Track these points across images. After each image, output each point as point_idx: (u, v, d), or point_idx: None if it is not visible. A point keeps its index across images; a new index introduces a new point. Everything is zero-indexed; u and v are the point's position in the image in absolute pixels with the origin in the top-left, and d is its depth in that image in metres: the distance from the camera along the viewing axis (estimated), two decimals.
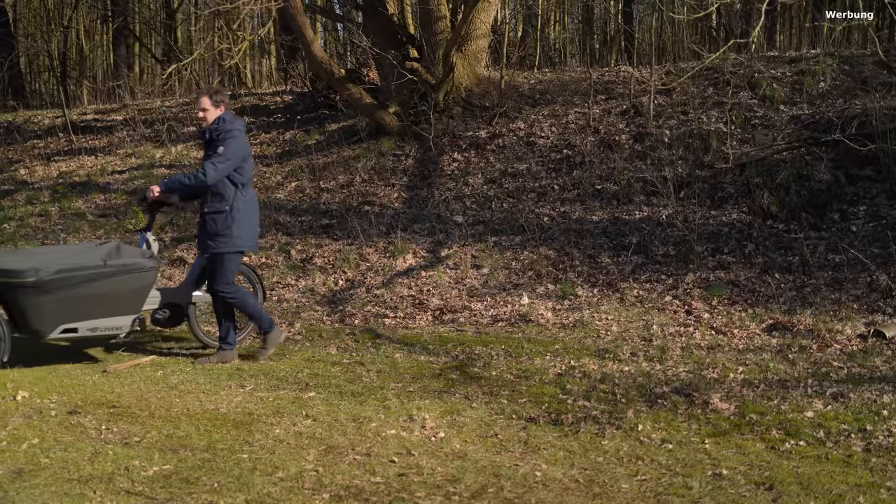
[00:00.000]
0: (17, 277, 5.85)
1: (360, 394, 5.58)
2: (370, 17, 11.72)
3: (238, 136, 6.25)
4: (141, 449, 4.59)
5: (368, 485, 4.12)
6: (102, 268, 6.06)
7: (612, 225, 8.70)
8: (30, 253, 6.93)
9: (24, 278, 5.84)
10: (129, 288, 6.17)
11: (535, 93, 11.38)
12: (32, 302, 5.88)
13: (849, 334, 6.32)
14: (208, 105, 6.24)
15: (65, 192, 11.44)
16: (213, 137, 6.21)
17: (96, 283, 6.03)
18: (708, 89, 10.48)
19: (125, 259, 6.19)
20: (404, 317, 7.58)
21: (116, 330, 6.24)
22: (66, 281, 5.93)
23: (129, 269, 6.16)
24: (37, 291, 5.85)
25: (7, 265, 5.96)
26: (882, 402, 5.06)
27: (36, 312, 5.92)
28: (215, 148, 6.16)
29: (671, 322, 6.92)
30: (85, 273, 6.01)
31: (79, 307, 6.01)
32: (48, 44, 19.56)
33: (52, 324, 5.98)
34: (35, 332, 6.02)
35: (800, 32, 15.22)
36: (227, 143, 6.14)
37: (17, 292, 5.88)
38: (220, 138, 6.18)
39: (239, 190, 6.24)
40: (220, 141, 6.16)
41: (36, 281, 5.84)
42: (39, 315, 5.93)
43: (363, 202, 9.95)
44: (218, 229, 6.17)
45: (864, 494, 3.93)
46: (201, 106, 6.27)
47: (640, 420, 4.96)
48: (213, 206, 6.20)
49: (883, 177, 8.26)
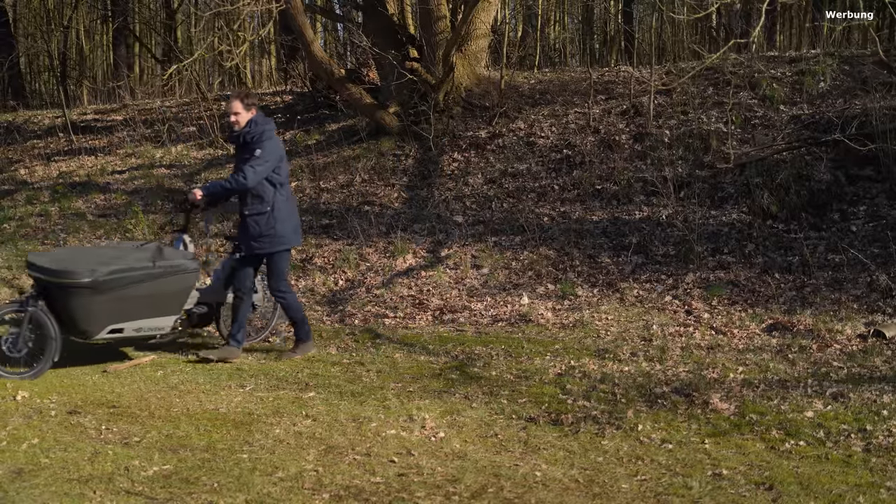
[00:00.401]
0: (71, 278, 5.87)
1: (360, 394, 5.58)
2: (370, 17, 11.72)
3: (273, 137, 6.34)
4: (141, 449, 4.59)
5: (368, 485, 4.12)
6: (151, 269, 6.12)
7: (612, 225, 8.70)
8: (66, 253, 6.95)
9: (78, 279, 5.85)
10: (174, 289, 6.24)
11: (535, 93, 11.38)
12: (85, 302, 5.89)
13: (849, 334, 6.32)
14: (240, 108, 6.26)
15: (65, 192, 11.44)
16: (247, 140, 6.27)
17: (144, 284, 6.08)
18: (708, 89, 10.47)
19: (171, 260, 6.26)
20: (404, 317, 7.58)
21: (159, 330, 6.31)
22: (118, 282, 5.97)
23: (175, 270, 6.23)
24: (91, 292, 5.87)
25: (60, 265, 5.97)
26: (882, 402, 5.06)
27: (87, 313, 5.93)
28: (251, 150, 6.21)
29: (671, 322, 6.92)
30: (136, 274, 6.05)
31: (127, 308, 6.05)
32: (48, 44, 19.56)
33: (101, 324, 6.02)
34: (83, 332, 6.04)
35: (800, 32, 15.22)
36: (263, 145, 6.20)
37: (68, 292, 5.88)
38: (255, 140, 6.23)
39: (278, 190, 6.31)
40: (255, 143, 6.22)
41: (92, 281, 5.86)
42: (90, 315, 5.95)
43: (363, 202, 9.95)
44: (262, 230, 6.26)
45: (864, 494, 3.93)
46: (233, 110, 6.28)
47: (639, 420, 4.96)
48: (253, 207, 6.27)
49: (883, 177, 8.26)
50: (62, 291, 5.88)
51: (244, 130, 6.28)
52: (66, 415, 5.16)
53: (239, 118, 6.27)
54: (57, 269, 5.92)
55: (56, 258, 6.20)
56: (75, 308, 5.89)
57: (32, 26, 21.19)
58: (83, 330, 6.01)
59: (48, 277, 5.93)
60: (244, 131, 6.28)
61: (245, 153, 6.28)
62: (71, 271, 5.87)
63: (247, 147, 6.27)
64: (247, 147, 6.27)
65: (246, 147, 6.29)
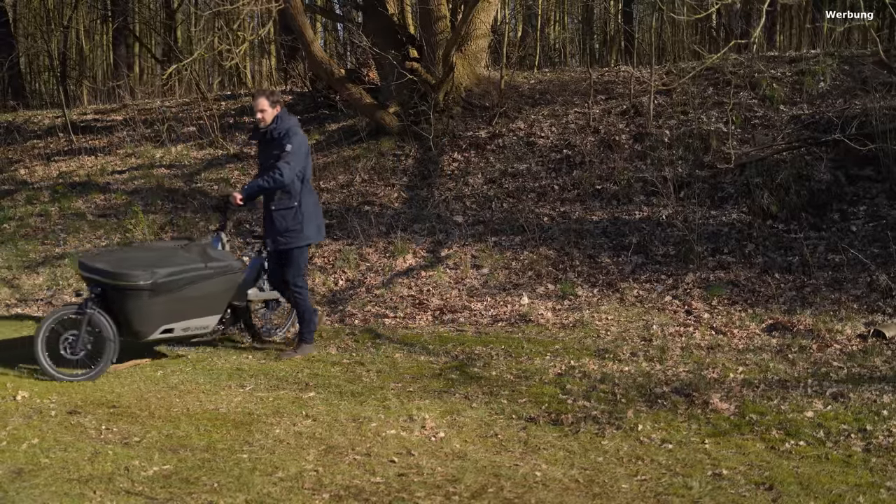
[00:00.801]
0: (131, 280, 5.92)
1: (360, 394, 5.58)
2: (370, 17, 11.72)
3: (300, 133, 6.48)
4: (141, 449, 4.59)
5: (368, 485, 4.12)
6: (203, 270, 6.20)
7: (612, 225, 8.70)
8: (120, 255, 7.00)
9: (138, 281, 5.91)
10: (221, 288, 6.33)
11: (535, 93, 11.38)
12: (143, 304, 5.95)
13: (849, 334, 6.32)
14: (266, 106, 6.39)
15: (65, 192, 11.44)
16: (274, 136, 6.39)
17: (197, 285, 6.16)
18: (708, 89, 10.48)
19: (220, 261, 6.35)
20: (404, 317, 7.58)
21: (204, 329, 6.38)
22: (175, 283, 6.05)
23: (224, 270, 6.32)
24: (150, 294, 5.94)
25: (119, 268, 6.01)
26: (882, 402, 5.06)
27: (144, 314, 6.00)
28: (281, 146, 6.32)
29: (671, 322, 6.92)
30: (190, 275, 6.14)
31: (180, 308, 6.13)
32: (48, 44, 19.56)
33: (155, 325, 6.09)
34: (137, 333, 6.09)
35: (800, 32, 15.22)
36: (292, 140, 6.33)
37: (127, 294, 5.93)
38: (282, 136, 6.36)
39: (304, 185, 6.45)
40: (284, 139, 6.34)
41: (151, 283, 5.93)
42: (146, 317, 6.02)
43: (363, 202, 9.95)
44: (288, 225, 6.38)
45: (864, 494, 3.93)
46: (259, 106, 6.40)
47: (640, 420, 4.96)
48: (281, 203, 6.38)
49: (883, 177, 8.26)
50: (120, 293, 5.95)
51: (271, 126, 6.41)
52: (66, 415, 5.16)
53: (265, 115, 6.39)
54: (116, 271, 5.97)
55: (112, 260, 6.24)
56: (132, 310, 5.96)
57: (32, 26, 21.19)
58: (138, 331, 6.07)
59: (106, 280, 5.97)
60: (271, 127, 6.41)
61: (274, 149, 6.38)
62: (131, 274, 5.94)
63: (274, 143, 6.39)
64: (274, 143, 6.39)
65: (273, 143, 6.39)
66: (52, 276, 9.20)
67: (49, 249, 9.96)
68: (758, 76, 10.31)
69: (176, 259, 6.20)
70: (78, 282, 9.00)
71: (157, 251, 6.60)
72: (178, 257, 6.25)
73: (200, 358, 6.57)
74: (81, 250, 9.74)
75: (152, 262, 6.07)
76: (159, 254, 6.41)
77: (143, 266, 6.00)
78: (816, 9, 13.35)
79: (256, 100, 6.49)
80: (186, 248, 6.46)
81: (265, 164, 6.51)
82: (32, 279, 9.20)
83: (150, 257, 6.25)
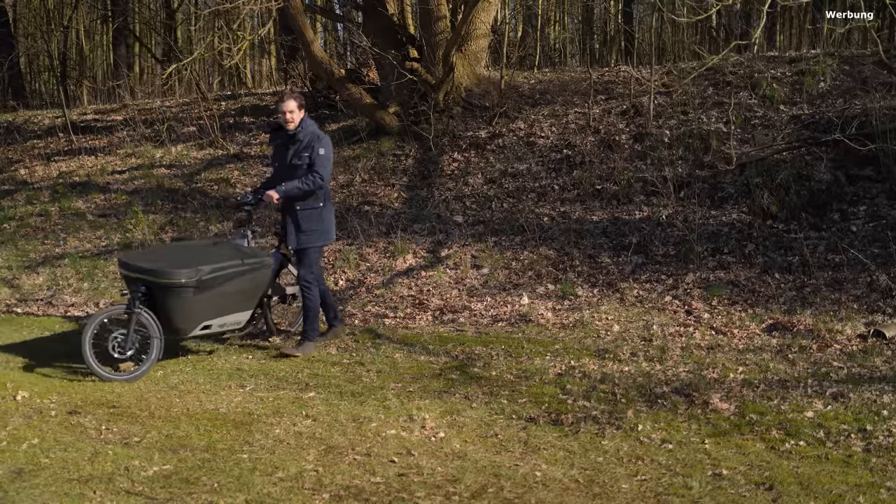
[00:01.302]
0: (176, 278, 5.97)
1: (360, 394, 5.58)
2: (370, 17, 11.72)
3: (326, 136, 6.63)
4: (141, 449, 4.59)
5: (368, 485, 4.12)
6: (241, 266, 6.28)
7: (612, 225, 8.70)
8: (162, 253, 7.07)
9: (182, 278, 5.97)
10: (255, 284, 6.42)
11: (535, 93, 11.38)
12: (186, 301, 6.01)
13: (849, 334, 6.32)
14: (294, 107, 6.49)
15: (65, 192, 11.44)
16: (301, 138, 6.50)
17: (235, 281, 6.24)
18: (708, 89, 10.47)
19: (255, 257, 6.43)
20: (404, 317, 7.58)
21: (237, 325, 6.47)
22: (217, 280, 6.12)
23: (258, 266, 6.41)
24: (195, 291, 6.00)
25: (163, 266, 6.06)
26: (882, 402, 5.06)
27: (187, 311, 6.06)
28: (310, 149, 6.45)
29: (671, 322, 6.92)
30: (230, 272, 6.21)
31: (220, 304, 6.21)
32: (48, 44, 19.56)
33: (196, 322, 6.15)
34: (178, 330, 6.15)
35: (800, 32, 15.22)
36: (324, 145, 6.49)
37: (172, 292, 5.97)
38: (311, 140, 6.48)
39: (326, 188, 6.60)
40: (315, 142, 6.47)
41: (196, 281, 5.98)
42: (189, 314, 6.08)
43: (363, 202, 9.95)
44: (313, 225, 6.51)
45: (864, 495, 3.93)
46: (288, 108, 6.47)
47: (640, 420, 4.96)
48: (307, 203, 6.50)
49: (883, 177, 8.26)
50: (165, 291, 5.99)
51: (297, 129, 6.51)
52: (66, 415, 5.16)
53: (293, 116, 6.47)
54: (160, 269, 6.01)
55: (156, 259, 6.30)
56: (175, 307, 6.02)
57: (32, 26, 21.19)
58: (179, 328, 6.13)
59: (150, 278, 6.01)
60: (297, 130, 6.51)
61: (302, 151, 6.47)
62: (176, 271, 5.99)
63: (301, 145, 6.49)
64: (301, 145, 6.49)
65: (300, 145, 6.49)
66: (52, 276, 9.20)
67: (49, 249, 9.96)
68: (758, 76, 10.31)
69: (217, 256, 6.27)
70: (78, 282, 9.00)
71: (195, 249, 6.68)
72: (217, 254, 6.32)
73: (200, 358, 6.58)
74: (81, 250, 9.74)
75: (196, 260, 6.13)
76: (199, 251, 6.48)
77: (187, 264, 6.06)
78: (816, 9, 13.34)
79: (285, 101, 6.52)
80: (219, 245, 6.57)
81: (285, 165, 6.56)
82: (32, 279, 9.20)
83: (192, 255, 6.31)
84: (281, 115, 6.54)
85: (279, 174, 6.65)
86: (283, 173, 6.58)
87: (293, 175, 6.47)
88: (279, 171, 6.67)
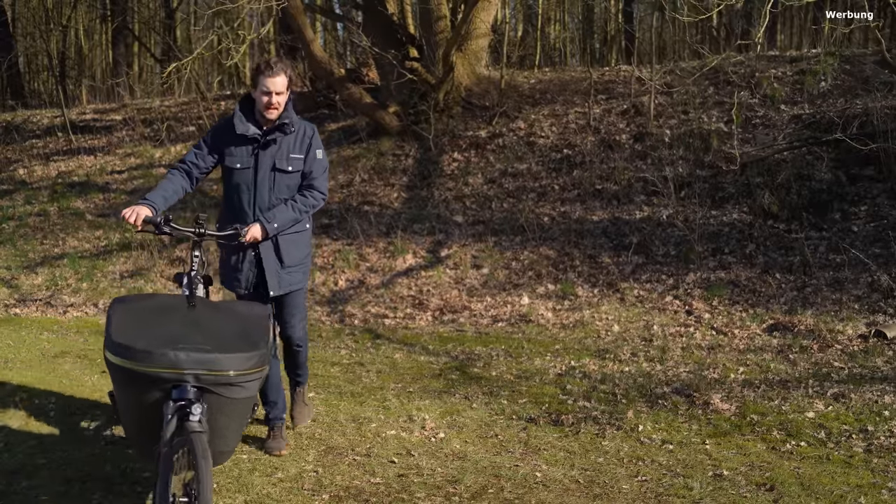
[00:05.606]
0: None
1: (360, 394, 5.57)
2: (370, 16, 11.71)
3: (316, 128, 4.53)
4: None
5: (368, 485, 4.11)
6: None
7: (613, 225, 8.68)
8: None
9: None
10: None
11: (535, 92, 11.37)
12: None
13: (850, 334, 6.31)
14: (283, 87, 4.20)
15: (64, 191, 11.43)
16: (288, 132, 4.29)
17: None
18: (708, 89, 10.46)
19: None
20: (404, 317, 7.57)
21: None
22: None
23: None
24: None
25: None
26: (883, 402, 5.05)
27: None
28: (306, 150, 4.32)
29: (672, 322, 6.91)
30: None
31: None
32: (47, 43, 19.56)
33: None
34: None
35: (801, 32, 15.21)
36: (317, 142, 4.40)
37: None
38: (301, 135, 4.34)
39: None
40: (308, 139, 4.35)
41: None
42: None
43: (363, 202, 9.93)
44: (300, 255, 4.42)
45: (866, 495, 3.91)
46: (277, 88, 4.17)
47: (640, 420, 4.94)
48: (293, 226, 4.36)
49: (884, 176, 8.25)
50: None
51: (283, 119, 4.27)
52: (66, 415, 5.14)
53: (280, 100, 4.20)
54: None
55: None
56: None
57: (31, 25, 21.19)
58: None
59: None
60: (283, 120, 4.27)
61: (295, 151, 4.29)
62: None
63: (292, 142, 4.30)
64: (292, 142, 4.30)
65: (291, 142, 4.30)
66: (52, 276, 9.18)
67: (48, 249, 9.94)
68: (759, 76, 10.30)
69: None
70: (77, 282, 8.98)
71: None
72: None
73: None
74: (80, 250, 9.73)
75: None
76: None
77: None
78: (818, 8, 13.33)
79: (274, 76, 4.15)
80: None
81: (265, 172, 4.27)
82: (31, 279, 9.18)
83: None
84: (262, 95, 4.18)
85: (246, 190, 4.31)
86: (256, 187, 4.29)
87: (277, 188, 4.28)
88: (245, 183, 4.31)
